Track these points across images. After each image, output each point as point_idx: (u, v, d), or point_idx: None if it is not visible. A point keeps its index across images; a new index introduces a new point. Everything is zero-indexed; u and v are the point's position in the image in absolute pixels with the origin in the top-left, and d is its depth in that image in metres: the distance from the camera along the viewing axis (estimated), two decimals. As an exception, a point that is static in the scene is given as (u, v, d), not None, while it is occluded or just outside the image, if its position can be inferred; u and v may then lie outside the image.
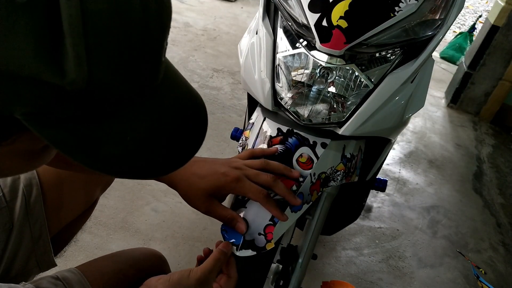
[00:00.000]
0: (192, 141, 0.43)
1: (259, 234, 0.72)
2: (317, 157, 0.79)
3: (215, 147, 2.00)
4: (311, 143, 0.80)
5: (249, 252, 0.71)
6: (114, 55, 0.31)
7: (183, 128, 0.41)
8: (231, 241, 0.72)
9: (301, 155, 0.78)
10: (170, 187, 0.72)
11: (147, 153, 0.38)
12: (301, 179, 0.76)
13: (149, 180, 0.72)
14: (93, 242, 1.41)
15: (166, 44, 0.37)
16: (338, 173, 0.82)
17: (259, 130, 0.84)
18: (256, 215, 0.73)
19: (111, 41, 0.30)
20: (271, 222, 0.72)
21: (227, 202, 0.79)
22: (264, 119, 0.85)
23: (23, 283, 0.62)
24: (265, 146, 0.80)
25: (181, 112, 0.41)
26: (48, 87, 0.29)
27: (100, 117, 0.34)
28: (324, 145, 0.80)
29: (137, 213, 1.55)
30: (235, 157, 0.75)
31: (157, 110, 0.38)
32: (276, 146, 0.79)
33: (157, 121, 0.38)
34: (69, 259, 1.32)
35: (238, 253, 0.71)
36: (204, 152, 1.95)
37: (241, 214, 0.74)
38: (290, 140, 0.80)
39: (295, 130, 0.81)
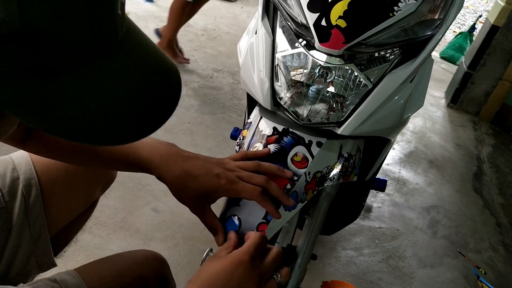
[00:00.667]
0: (161, 107, 0.40)
1: None
2: (312, 156, 0.79)
3: (215, 147, 2.00)
4: (307, 142, 0.80)
5: None
6: None
7: (150, 92, 0.38)
8: (225, 239, 0.72)
9: (296, 154, 0.79)
10: (159, 180, 0.70)
11: (110, 116, 0.35)
12: (295, 178, 0.76)
13: (142, 173, 0.71)
14: (93, 242, 1.41)
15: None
16: (335, 172, 0.82)
17: (255, 129, 0.84)
18: (250, 213, 0.73)
19: None
20: (264, 221, 0.72)
21: (221, 199, 0.80)
22: (260, 118, 0.85)
23: (21, 285, 0.62)
24: (260, 145, 0.80)
25: (148, 75, 0.38)
26: None
27: (52, 74, 0.31)
28: (319, 144, 0.80)
29: (137, 213, 1.55)
30: (227, 158, 0.74)
31: (120, 69, 0.35)
32: (271, 145, 0.79)
33: (121, 83, 0.35)
34: (69, 259, 1.32)
35: None
36: (204, 152, 1.95)
37: (235, 212, 0.74)
38: (285, 139, 0.80)
39: (290, 129, 0.81)
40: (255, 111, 0.91)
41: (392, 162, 2.29)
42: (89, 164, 0.75)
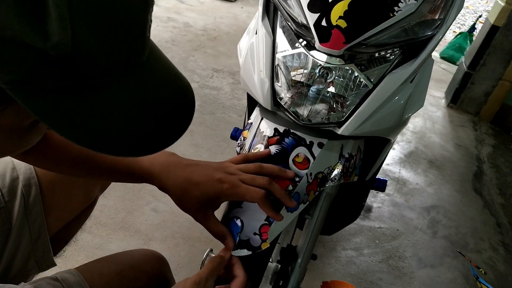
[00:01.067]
0: (179, 120, 0.42)
1: (254, 234, 0.72)
2: (314, 157, 0.79)
3: (215, 147, 2.00)
4: (308, 143, 0.80)
5: (244, 252, 0.71)
6: (99, 20, 0.31)
7: (170, 107, 0.41)
8: None
9: (297, 155, 0.78)
10: (161, 190, 0.70)
11: (134, 130, 0.38)
12: (297, 179, 0.76)
13: (143, 183, 0.71)
14: (93, 242, 1.41)
15: (151, 21, 0.37)
16: (336, 173, 0.82)
17: (256, 130, 0.84)
18: (252, 215, 0.73)
19: (95, 4, 0.30)
20: (266, 222, 0.72)
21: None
22: (261, 119, 0.85)
23: (22, 284, 0.62)
24: (262, 146, 0.80)
25: (168, 91, 0.41)
26: (32, 51, 0.29)
27: (87, 90, 0.34)
28: (321, 145, 0.80)
29: (137, 213, 1.55)
30: (228, 161, 0.73)
31: (144, 87, 0.38)
32: (273, 146, 0.79)
33: (144, 98, 0.38)
34: (69, 259, 1.32)
35: (233, 253, 0.71)
36: (204, 152, 1.95)
37: (237, 214, 0.74)
38: (286, 140, 0.80)
39: (291, 130, 0.81)
40: (256, 112, 0.91)
41: (392, 162, 2.29)
42: (89, 176, 0.75)
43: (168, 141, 0.41)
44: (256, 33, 0.89)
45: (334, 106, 0.80)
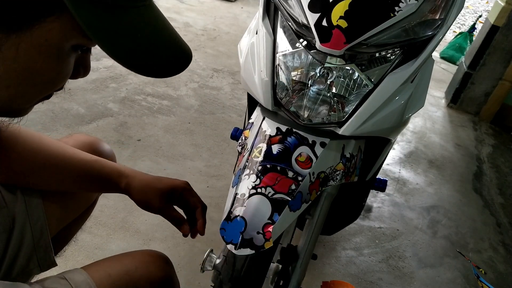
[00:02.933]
0: (185, 52, 0.50)
1: (258, 233, 0.72)
2: (316, 157, 0.79)
3: (215, 147, 2.00)
4: (310, 142, 0.80)
5: (247, 251, 0.71)
6: None
7: (177, 38, 0.50)
8: (229, 240, 0.72)
9: (300, 154, 0.78)
10: (124, 188, 0.77)
11: (154, 52, 0.46)
12: (300, 178, 0.76)
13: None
14: (93, 242, 1.41)
15: None
16: (338, 172, 0.82)
17: (258, 130, 0.84)
18: (255, 214, 0.73)
19: None
20: (269, 221, 0.72)
21: (224, 201, 0.80)
22: (263, 119, 0.85)
23: (29, 282, 0.62)
24: (264, 145, 0.80)
25: (172, 29, 0.50)
26: None
27: (120, 10, 0.42)
28: (323, 145, 0.80)
29: (137, 213, 1.55)
30: None
31: (156, 19, 0.47)
32: (275, 145, 0.79)
33: (159, 29, 0.47)
34: (69, 259, 1.32)
35: (236, 252, 0.71)
36: (204, 152, 1.95)
37: (240, 213, 0.74)
38: (289, 139, 0.80)
39: (294, 130, 0.81)
40: (257, 112, 0.91)
41: (392, 162, 2.29)
42: (62, 184, 0.78)
43: (177, 69, 0.49)
44: (256, 33, 0.89)
45: (335, 106, 0.80)
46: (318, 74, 0.79)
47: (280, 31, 0.85)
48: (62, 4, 0.39)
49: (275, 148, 0.79)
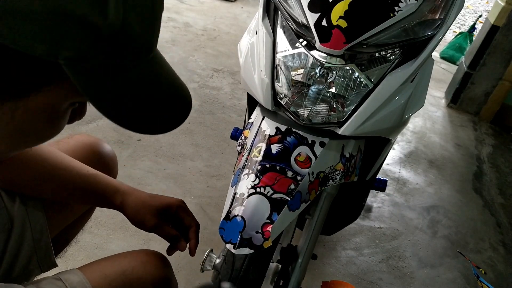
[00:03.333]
0: (186, 103, 0.48)
1: (257, 232, 0.72)
2: (316, 156, 0.79)
3: (215, 147, 2.00)
4: (310, 142, 0.80)
5: (246, 251, 0.71)
6: (139, 5, 0.38)
7: (179, 92, 0.47)
8: (228, 239, 0.72)
9: (299, 154, 0.79)
10: (119, 205, 0.78)
11: (155, 110, 0.44)
12: (299, 178, 0.76)
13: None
14: (93, 242, 1.41)
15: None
16: (337, 172, 0.82)
17: (258, 129, 0.84)
18: (254, 213, 0.73)
19: None
20: (268, 221, 0.72)
21: (223, 200, 0.80)
22: (263, 118, 0.85)
23: (24, 283, 0.62)
24: (263, 145, 0.80)
25: (175, 79, 0.47)
26: (91, 29, 0.35)
27: (120, 70, 0.39)
28: (322, 144, 0.80)
29: (137, 213, 1.55)
30: None
31: (158, 74, 0.44)
32: (274, 145, 0.79)
33: (160, 84, 0.45)
34: (69, 259, 1.32)
35: (235, 251, 0.71)
36: (204, 151, 1.95)
37: (239, 212, 0.74)
38: (288, 139, 0.80)
39: (293, 129, 0.81)
40: (257, 111, 0.91)
41: (392, 162, 2.29)
42: (54, 197, 0.78)
43: (176, 123, 0.47)
44: (256, 33, 0.89)
45: (335, 106, 0.80)
46: (318, 74, 0.79)
47: (280, 31, 0.85)
48: (62, 72, 0.36)
49: (275, 148, 0.79)
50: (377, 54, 0.80)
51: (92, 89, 0.39)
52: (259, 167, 0.77)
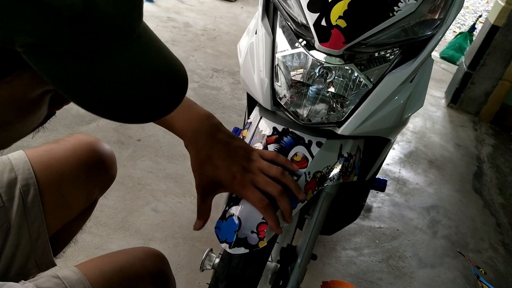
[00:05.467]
0: (179, 88, 0.44)
1: (252, 232, 0.72)
2: (312, 156, 0.79)
3: (215, 147, 2.00)
4: (306, 142, 0.80)
5: (241, 250, 0.71)
6: None
7: (170, 76, 0.43)
8: (224, 239, 0.72)
9: (295, 154, 0.79)
10: (185, 146, 0.74)
11: (138, 96, 0.40)
12: (295, 178, 0.76)
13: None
14: (93, 242, 1.41)
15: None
16: (335, 172, 0.82)
17: (255, 130, 0.84)
18: (250, 213, 0.73)
19: None
20: (264, 221, 0.72)
21: (222, 198, 0.80)
22: (260, 118, 0.85)
23: (22, 282, 0.62)
24: (260, 145, 0.80)
25: (166, 61, 0.43)
26: (49, 11, 0.31)
27: (95, 56, 0.35)
28: (319, 144, 0.80)
29: (137, 213, 1.55)
30: (257, 152, 0.74)
31: (143, 57, 0.40)
32: (271, 145, 0.79)
33: (146, 67, 0.40)
34: (69, 259, 1.32)
35: (230, 251, 0.71)
36: (204, 152, 1.95)
37: (235, 212, 0.74)
38: (285, 139, 0.80)
39: (290, 129, 0.81)
40: (255, 111, 0.91)
41: (392, 162, 2.29)
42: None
43: (167, 110, 0.43)
44: (256, 33, 0.89)
45: (334, 106, 0.80)
46: (317, 74, 0.79)
47: (279, 31, 0.85)
48: (23, 61, 0.33)
49: (271, 148, 0.79)
50: (376, 54, 0.80)
51: (62, 79, 0.35)
52: None
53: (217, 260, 0.84)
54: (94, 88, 0.36)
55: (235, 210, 0.74)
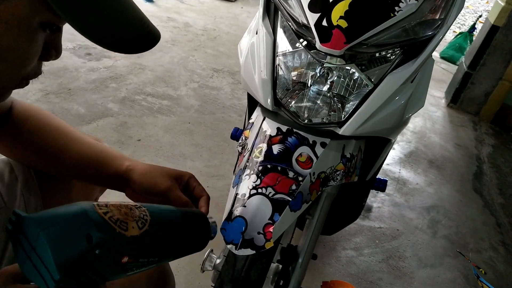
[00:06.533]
0: (152, 33, 0.52)
1: (258, 233, 0.72)
2: (317, 157, 0.79)
3: (215, 147, 2.00)
4: (311, 142, 0.80)
5: (248, 251, 0.71)
6: None
7: (144, 21, 0.51)
8: (230, 240, 0.72)
9: (300, 155, 0.78)
10: (123, 175, 0.72)
11: (122, 29, 0.48)
12: (300, 179, 0.76)
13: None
14: (93, 242, 1.41)
15: None
16: (338, 172, 0.82)
17: (259, 130, 0.84)
18: (255, 214, 0.73)
19: None
20: (270, 221, 0.72)
21: (225, 201, 0.80)
22: (263, 119, 0.85)
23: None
24: (265, 145, 0.80)
25: (139, 11, 0.51)
26: None
27: None
28: (323, 145, 0.80)
29: (137, 213, 1.55)
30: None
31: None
32: (276, 145, 0.79)
33: (127, 8, 0.48)
34: (69, 259, 1.32)
35: (237, 252, 0.71)
36: (204, 151, 1.95)
37: (241, 213, 0.74)
38: (289, 139, 0.80)
39: (294, 130, 0.81)
40: (257, 112, 0.91)
41: (392, 162, 2.29)
42: (62, 167, 0.75)
43: (147, 45, 0.51)
44: (256, 33, 0.89)
45: (335, 106, 0.80)
46: (318, 74, 0.79)
47: (280, 31, 0.85)
48: None
49: (276, 148, 0.79)
50: (377, 54, 0.80)
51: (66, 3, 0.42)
52: (260, 168, 0.77)
53: (218, 261, 0.84)
54: (86, 13, 0.44)
55: (241, 211, 0.74)
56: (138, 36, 0.50)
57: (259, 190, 0.75)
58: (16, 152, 0.73)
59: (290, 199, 0.75)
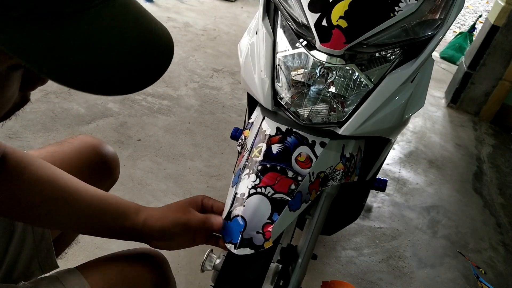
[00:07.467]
0: (161, 56, 0.40)
1: (257, 232, 0.72)
2: (316, 156, 0.79)
3: (215, 147, 2.00)
4: (310, 142, 0.80)
5: (247, 251, 0.71)
6: None
7: (150, 41, 0.39)
8: (229, 240, 0.72)
9: (300, 154, 0.79)
10: (139, 227, 0.69)
11: (115, 63, 0.36)
12: (299, 178, 0.76)
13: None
14: (93, 242, 1.41)
15: None
16: (338, 172, 0.82)
17: (258, 129, 0.84)
18: (255, 213, 0.73)
19: None
20: (269, 221, 0.72)
21: (226, 198, 0.80)
22: (263, 119, 0.85)
23: (22, 283, 0.62)
24: (264, 145, 0.80)
25: (146, 25, 0.39)
26: None
27: (56, 20, 0.31)
28: (323, 145, 0.80)
29: (137, 213, 1.55)
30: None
31: (121, 20, 0.36)
32: (275, 145, 0.79)
33: (122, 30, 0.36)
34: (70, 260, 1.32)
35: (236, 252, 0.71)
36: (204, 152, 1.95)
37: (240, 212, 0.74)
38: (289, 139, 0.80)
39: (294, 129, 0.81)
40: (257, 111, 0.91)
41: (392, 162, 2.29)
42: (65, 224, 0.69)
43: (154, 76, 0.39)
44: (256, 33, 0.89)
45: (335, 106, 0.80)
46: (318, 74, 0.79)
47: (280, 31, 0.85)
48: None
49: (275, 148, 0.79)
50: (377, 54, 0.80)
51: (22, 47, 0.31)
52: (259, 167, 0.77)
53: (218, 261, 0.84)
54: (60, 56, 0.32)
55: (240, 210, 0.74)
56: (142, 68, 0.39)
57: (258, 190, 0.75)
58: (8, 207, 0.64)
59: (289, 199, 0.75)
